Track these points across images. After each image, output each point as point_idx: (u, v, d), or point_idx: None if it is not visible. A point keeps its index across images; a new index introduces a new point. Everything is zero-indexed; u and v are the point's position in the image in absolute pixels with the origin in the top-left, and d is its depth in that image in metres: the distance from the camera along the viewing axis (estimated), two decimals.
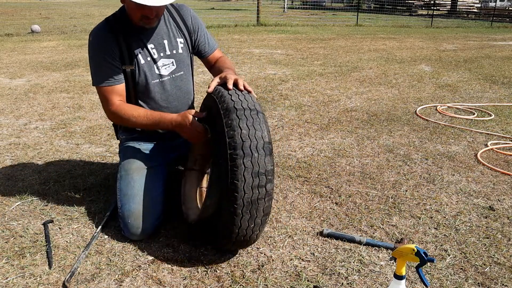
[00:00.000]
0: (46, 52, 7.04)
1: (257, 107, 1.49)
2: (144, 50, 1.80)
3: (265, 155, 1.41)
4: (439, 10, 21.81)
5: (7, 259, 1.62)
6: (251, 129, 1.42)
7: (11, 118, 3.43)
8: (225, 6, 24.97)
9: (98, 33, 1.77)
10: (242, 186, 1.38)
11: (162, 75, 1.85)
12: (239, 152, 1.38)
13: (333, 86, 4.71)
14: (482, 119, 3.55)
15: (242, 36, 9.65)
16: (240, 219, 1.43)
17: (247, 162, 1.38)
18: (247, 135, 1.40)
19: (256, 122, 1.44)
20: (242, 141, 1.39)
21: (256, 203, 1.42)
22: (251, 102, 1.49)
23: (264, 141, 1.42)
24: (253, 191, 1.40)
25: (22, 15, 15.72)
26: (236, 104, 1.46)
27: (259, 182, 1.40)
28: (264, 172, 1.40)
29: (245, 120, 1.42)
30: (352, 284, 1.50)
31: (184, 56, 1.91)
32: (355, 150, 2.81)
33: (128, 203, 1.75)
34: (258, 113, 1.47)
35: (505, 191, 2.25)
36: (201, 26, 1.95)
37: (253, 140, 1.40)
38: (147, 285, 1.49)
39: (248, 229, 1.47)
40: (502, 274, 1.57)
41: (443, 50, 7.92)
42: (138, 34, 1.78)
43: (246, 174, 1.38)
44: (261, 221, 1.48)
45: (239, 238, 1.50)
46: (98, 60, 1.77)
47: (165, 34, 1.84)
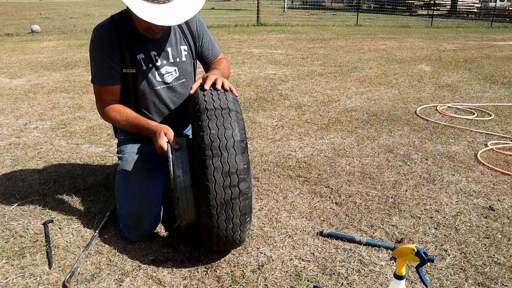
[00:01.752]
0: (46, 52, 7.04)
1: (230, 105, 1.47)
2: (147, 57, 1.78)
3: (236, 154, 1.39)
4: (439, 10, 21.81)
5: (7, 259, 1.62)
6: (220, 128, 1.40)
7: (11, 118, 3.43)
8: (225, 6, 24.97)
9: (101, 33, 1.75)
10: (213, 187, 1.37)
11: (164, 82, 1.84)
12: (207, 152, 1.37)
13: (333, 86, 4.71)
14: (482, 119, 3.55)
15: (242, 36, 9.65)
16: (217, 220, 1.42)
17: (216, 162, 1.37)
18: (216, 134, 1.39)
19: (227, 121, 1.42)
20: (211, 141, 1.38)
21: (230, 203, 1.40)
22: (223, 101, 1.48)
23: (235, 140, 1.40)
24: (225, 191, 1.38)
25: (22, 15, 15.72)
26: (208, 104, 1.46)
27: (231, 182, 1.38)
28: (235, 171, 1.38)
29: (215, 120, 1.41)
30: (352, 284, 1.50)
31: (187, 64, 1.90)
32: (355, 150, 2.81)
33: (127, 204, 1.75)
34: (230, 111, 1.45)
35: (505, 191, 2.25)
36: (205, 32, 1.94)
37: (222, 139, 1.39)
38: (147, 285, 1.49)
39: (227, 229, 1.46)
40: (502, 274, 1.57)
41: (443, 50, 7.93)
42: (142, 40, 1.76)
43: (216, 174, 1.37)
44: (240, 221, 1.46)
45: (221, 239, 1.49)
46: (97, 59, 1.77)
47: (169, 42, 1.82)
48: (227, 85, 1.58)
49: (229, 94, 1.54)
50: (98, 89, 1.81)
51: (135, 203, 1.74)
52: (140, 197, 1.76)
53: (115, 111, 1.79)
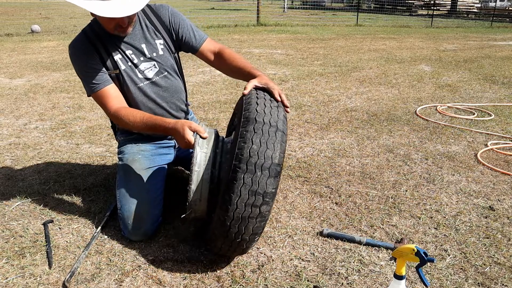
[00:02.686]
0: (46, 52, 7.04)
1: (279, 124, 1.42)
2: (124, 56, 1.79)
3: (269, 176, 1.35)
4: (439, 10, 21.81)
5: (7, 259, 1.62)
6: (263, 145, 1.36)
7: (11, 118, 3.43)
8: (225, 6, 24.97)
9: (75, 44, 1.77)
10: (236, 201, 1.35)
11: (147, 78, 1.85)
12: (242, 166, 1.34)
13: (333, 86, 4.71)
14: (482, 119, 3.55)
15: (242, 36, 9.65)
16: (227, 231, 1.41)
17: (247, 178, 1.34)
18: (257, 151, 1.35)
19: (271, 140, 1.37)
20: (249, 156, 1.34)
21: (246, 221, 1.38)
22: (274, 118, 1.43)
23: (273, 162, 1.36)
24: (245, 208, 1.36)
25: (22, 15, 15.72)
26: (258, 116, 1.41)
27: (254, 202, 1.35)
28: (262, 192, 1.35)
29: (260, 135, 1.37)
30: (352, 284, 1.50)
31: (166, 57, 1.89)
32: (355, 150, 2.81)
33: (127, 204, 1.75)
34: (278, 130, 1.40)
35: (505, 191, 2.25)
36: (182, 21, 1.91)
37: (260, 157, 1.34)
38: (147, 285, 1.49)
39: (234, 242, 1.44)
40: (502, 274, 1.57)
41: (443, 50, 7.92)
42: (115, 41, 1.78)
43: (243, 190, 1.34)
44: (249, 238, 1.43)
45: (225, 248, 1.49)
46: (81, 69, 1.76)
47: (142, 39, 1.82)
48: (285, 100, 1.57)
49: (281, 110, 1.49)
50: (98, 98, 1.77)
51: (136, 204, 1.74)
52: (141, 197, 1.76)
53: (127, 115, 1.73)
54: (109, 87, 1.77)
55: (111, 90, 1.77)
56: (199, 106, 3.83)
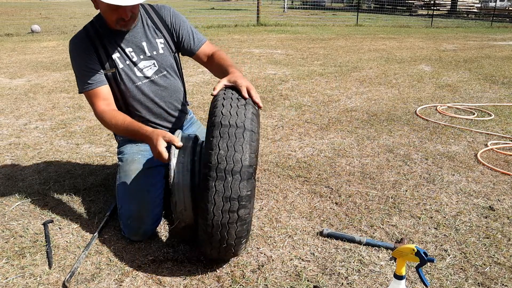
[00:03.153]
0: (46, 52, 7.04)
1: (247, 124, 1.38)
2: (122, 54, 1.80)
3: (241, 179, 1.32)
4: (439, 10, 21.81)
5: (7, 259, 1.62)
6: (230, 149, 1.32)
7: (11, 118, 3.43)
8: (225, 6, 24.97)
9: (75, 41, 1.78)
10: (212, 209, 1.33)
11: (145, 76, 1.85)
12: (212, 173, 1.31)
13: (333, 86, 4.71)
14: (482, 119, 3.55)
15: (242, 36, 9.65)
16: (211, 239, 1.40)
17: (219, 185, 1.31)
18: (224, 156, 1.31)
19: (239, 142, 1.33)
20: (218, 163, 1.31)
21: (227, 227, 1.36)
22: (241, 118, 1.38)
23: (243, 164, 1.32)
24: (223, 215, 1.34)
25: (22, 15, 15.72)
26: (223, 119, 1.37)
27: (230, 207, 1.33)
28: (236, 197, 1.32)
29: (227, 139, 1.33)
30: (352, 284, 1.50)
31: (166, 56, 1.89)
32: (355, 150, 2.81)
33: (127, 204, 1.75)
34: (245, 131, 1.36)
35: (505, 191, 2.25)
36: (183, 23, 1.92)
37: (229, 162, 1.31)
38: (147, 285, 1.49)
39: (221, 247, 1.43)
40: (502, 274, 1.57)
41: (443, 50, 7.92)
42: (115, 38, 1.79)
43: (217, 198, 1.32)
44: (235, 242, 1.42)
45: (214, 253, 1.49)
46: (78, 67, 1.78)
47: (143, 36, 1.83)
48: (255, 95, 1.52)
49: (249, 108, 1.44)
50: (89, 97, 1.78)
51: (136, 203, 1.74)
52: (141, 197, 1.76)
53: (111, 118, 1.73)
54: (101, 88, 1.77)
55: (102, 91, 1.78)
56: (199, 106, 3.83)
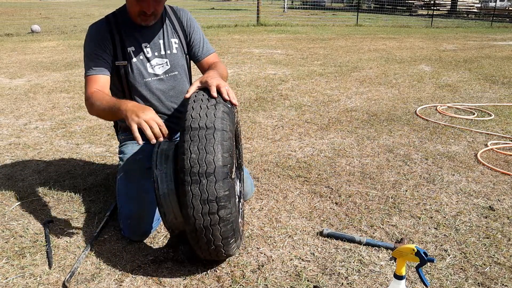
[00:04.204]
0: (46, 52, 7.04)
1: (217, 124, 1.37)
2: (138, 49, 1.82)
3: (216, 180, 1.32)
4: (439, 10, 21.81)
5: (7, 259, 1.62)
6: (201, 152, 1.32)
7: (11, 118, 3.43)
8: (225, 6, 24.97)
9: (95, 27, 1.83)
10: (192, 213, 1.33)
11: (155, 74, 1.87)
12: (187, 178, 1.31)
13: (333, 86, 4.71)
14: (482, 119, 3.55)
15: (242, 36, 9.65)
16: (198, 241, 1.41)
17: (195, 189, 1.31)
18: (196, 159, 1.31)
19: (209, 144, 1.33)
20: (190, 166, 1.31)
21: (210, 229, 1.36)
22: (210, 118, 1.37)
23: (216, 165, 1.32)
24: (203, 217, 1.34)
25: (22, 15, 15.72)
26: (193, 122, 1.36)
27: (210, 209, 1.33)
28: (214, 199, 1.32)
29: (197, 142, 1.33)
30: (352, 284, 1.50)
31: (179, 56, 1.92)
32: (355, 150, 2.81)
33: (127, 204, 1.75)
34: (216, 131, 1.35)
35: (505, 191, 2.25)
36: (197, 29, 1.97)
37: (202, 165, 1.31)
38: (147, 285, 1.49)
39: (210, 249, 1.44)
40: (502, 274, 1.57)
41: (443, 50, 7.92)
42: (134, 32, 1.82)
43: (195, 201, 1.32)
44: (222, 243, 1.42)
45: (206, 255, 1.49)
46: (89, 51, 1.80)
47: (161, 34, 1.87)
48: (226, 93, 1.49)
49: (219, 107, 1.42)
50: (87, 81, 1.77)
51: (136, 203, 1.74)
52: (141, 197, 1.76)
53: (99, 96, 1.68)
54: (101, 76, 1.78)
55: (101, 79, 1.77)
56: None
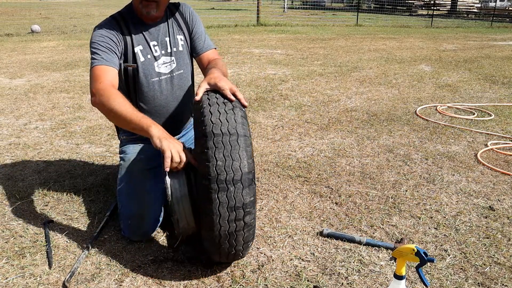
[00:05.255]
0: (46, 52, 7.04)
1: (239, 129, 1.35)
2: (146, 48, 1.81)
3: (243, 187, 1.31)
4: (439, 10, 21.80)
5: (7, 259, 1.62)
6: (227, 159, 1.29)
7: (11, 118, 3.43)
8: (225, 6, 24.97)
9: (104, 25, 1.76)
10: (218, 220, 1.31)
11: (161, 73, 1.85)
12: (213, 186, 1.28)
13: (333, 86, 4.71)
14: (482, 119, 3.55)
15: (242, 36, 9.65)
16: (219, 248, 1.40)
17: (222, 197, 1.29)
18: (223, 167, 1.29)
19: (235, 150, 1.31)
20: (217, 174, 1.28)
21: (234, 235, 1.36)
22: (232, 123, 1.34)
23: (243, 172, 1.30)
24: (229, 224, 1.32)
25: (22, 15, 15.72)
26: (215, 128, 1.32)
27: (236, 216, 1.32)
28: (241, 206, 1.31)
29: (222, 149, 1.30)
30: (352, 284, 1.50)
31: (184, 54, 1.92)
32: (355, 150, 2.81)
33: (128, 204, 1.75)
34: (239, 137, 1.33)
35: (505, 191, 2.25)
36: (198, 23, 1.96)
37: (229, 172, 1.29)
38: (147, 285, 1.49)
39: (231, 254, 1.44)
40: (502, 274, 1.57)
41: (443, 50, 7.92)
42: (142, 31, 1.81)
43: (221, 209, 1.30)
44: (243, 247, 1.43)
45: (223, 258, 1.48)
46: (99, 43, 1.70)
47: (166, 32, 1.86)
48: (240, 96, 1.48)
49: (238, 112, 1.40)
50: (97, 69, 1.65)
51: (137, 204, 1.74)
52: (142, 197, 1.75)
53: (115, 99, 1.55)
54: (112, 69, 1.69)
55: (112, 72, 1.69)
56: None
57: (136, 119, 1.52)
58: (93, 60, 1.69)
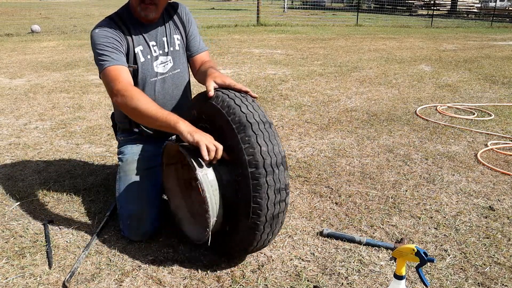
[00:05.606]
0: (46, 52, 7.04)
1: (267, 118, 1.45)
2: (145, 48, 1.81)
3: (284, 169, 1.40)
4: (439, 10, 21.81)
5: (7, 259, 1.62)
6: (269, 144, 1.38)
7: (11, 118, 3.43)
8: (225, 6, 24.97)
9: (105, 26, 1.73)
10: (266, 204, 1.37)
11: (160, 73, 1.86)
12: (261, 171, 1.35)
13: (333, 86, 4.71)
14: (482, 119, 3.55)
15: (242, 36, 9.65)
16: (261, 234, 1.44)
17: (270, 180, 1.37)
18: (267, 151, 1.37)
19: (272, 136, 1.40)
20: (263, 159, 1.36)
21: (277, 217, 1.43)
22: (261, 113, 1.44)
23: (282, 156, 1.40)
24: (275, 206, 1.40)
25: (22, 15, 15.72)
26: (249, 117, 1.40)
27: (280, 198, 1.40)
28: (284, 187, 1.40)
29: (262, 136, 1.38)
30: (352, 284, 1.50)
31: (181, 53, 1.92)
32: (355, 150, 2.81)
33: (127, 205, 1.75)
34: (271, 125, 1.44)
35: (505, 191, 2.25)
36: (193, 23, 1.97)
37: (272, 156, 1.38)
38: (147, 285, 1.49)
39: (266, 240, 1.49)
40: (502, 274, 1.57)
41: (443, 50, 7.92)
42: (141, 31, 1.80)
43: (270, 192, 1.37)
44: (277, 231, 1.50)
45: (256, 249, 1.52)
46: (106, 44, 1.69)
47: (164, 32, 1.86)
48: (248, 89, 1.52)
49: (256, 102, 1.48)
50: (113, 70, 1.65)
51: (136, 204, 1.74)
52: (141, 197, 1.76)
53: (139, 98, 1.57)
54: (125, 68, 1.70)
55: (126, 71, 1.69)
56: None
57: (162, 116, 1.51)
58: (103, 61, 1.67)
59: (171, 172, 1.79)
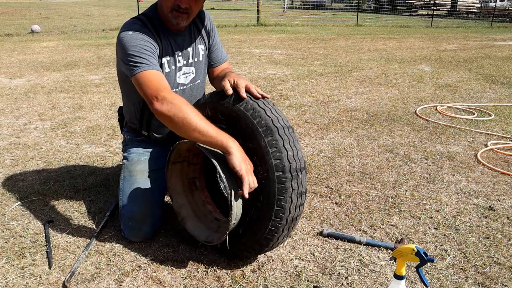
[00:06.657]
0: (46, 52, 7.04)
1: (288, 122, 1.47)
2: (172, 58, 1.74)
3: (305, 174, 1.44)
4: (439, 10, 21.81)
5: (7, 259, 1.62)
6: (294, 149, 1.41)
7: (11, 118, 3.43)
8: (225, 6, 24.96)
9: (139, 30, 1.62)
10: (289, 207, 1.40)
11: (180, 83, 1.80)
12: (287, 175, 1.37)
13: (333, 86, 4.71)
14: (482, 119, 3.55)
15: (242, 36, 9.65)
16: (279, 236, 1.46)
17: (294, 184, 1.39)
18: (293, 156, 1.40)
19: (296, 142, 1.44)
20: (289, 163, 1.38)
21: (296, 220, 1.47)
22: (284, 118, 1.46)
23: (304, 161, 1.44)
24: (296, 210, 1.43)
25: (22, 15, 15.72)
26: (274, 121, 1.42)
27: (301, 201, 1.43)
28: (304, 191, 1.43)
29: (288, 140, 1.41)
30: (352, 284, 1.50)
31: (203, 64, 1.86)
32: (355, 150, 2.81)
33: (130, 205, 1.75)
34: (292, 129, 1.47)
35: (505, 191, 2.25)
36: (216, 32, 1.91)
37: (297, 161, 1.40)
38: (147, 285, 1.49)
39: (280, 242, 1.51)
40: (502, 274, 1.57)
41: (443, 50, 7.92)
42: (169, 40, 1.72)
43: (293, 196, 1.40)
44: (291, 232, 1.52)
45: (268, 251, 1.53)
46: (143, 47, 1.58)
47: (190, 41, 1.79)
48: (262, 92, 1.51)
49: (275, 106, 1.49)
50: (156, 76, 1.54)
51: (139, 205, 1.73)
52: (144, 198, 1.75)
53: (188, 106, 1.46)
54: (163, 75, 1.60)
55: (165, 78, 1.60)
56: None
57: (213, 133, 1.41)
58: (141, 64, 1.55)
59: (175, 171, 1.78)
